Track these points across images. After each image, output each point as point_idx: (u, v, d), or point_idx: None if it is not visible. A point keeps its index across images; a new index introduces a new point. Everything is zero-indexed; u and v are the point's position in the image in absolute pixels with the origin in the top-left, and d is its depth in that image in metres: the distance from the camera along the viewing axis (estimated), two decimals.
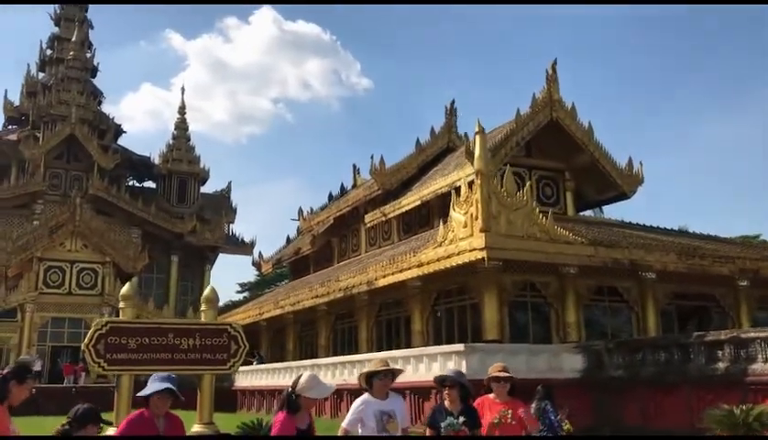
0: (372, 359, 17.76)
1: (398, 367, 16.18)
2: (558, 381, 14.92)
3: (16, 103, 44.96)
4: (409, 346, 19.15)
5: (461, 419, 4.93)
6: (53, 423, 4.29)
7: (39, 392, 28.05)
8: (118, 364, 11.58)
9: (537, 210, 16.65)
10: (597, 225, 22.32)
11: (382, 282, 19.52)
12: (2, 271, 34.91)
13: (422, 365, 16.48)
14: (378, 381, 5.01)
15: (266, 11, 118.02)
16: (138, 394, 4.37)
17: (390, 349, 19.89)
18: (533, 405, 7.93)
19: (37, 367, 30.30)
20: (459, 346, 15.53)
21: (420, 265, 17.63)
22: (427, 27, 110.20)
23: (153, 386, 4.34)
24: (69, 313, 33.37)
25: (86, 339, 11.52)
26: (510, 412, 5.28)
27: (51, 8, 48.10)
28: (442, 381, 5.14)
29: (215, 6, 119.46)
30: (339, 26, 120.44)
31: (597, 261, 16.85)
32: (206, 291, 13.18)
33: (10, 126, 44.99)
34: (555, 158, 22.66)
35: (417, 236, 23.89)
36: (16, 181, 39.14)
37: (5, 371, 4.45)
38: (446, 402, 5.08)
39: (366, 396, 5.03)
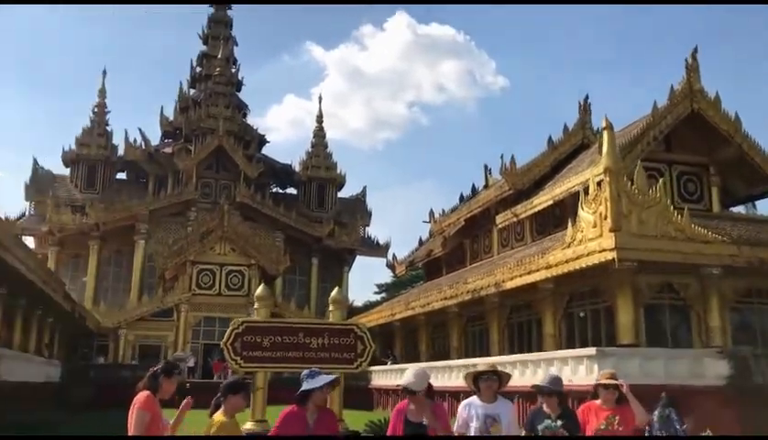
0: (503, 362, 17.64)
1: (528, 370, 15.91)
2: (700, 388, 14.12)
3: (171, 118, 48.52)
4: (540, 349, 18.79)
5: (559, 422, 4.88)
6: (205, 416, 4.75)
7: (193, 387, 30.26)
8: (254, 361, 12.29)
9: (672, 207, 15.79)
10: (746, 221, 20.74)
11: (510, 284, 19.27)
12: (160, 274, 37.88)
13: (553, 368, 16.08)
14: (483, 383, 5.06)
15: (399, 16, 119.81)
16: (302, 390, 4.63)
17: (522, 352, 19.60)
18: (656, 412, 7.61)
19: (190, 363, 32.69)
20: (591, 350, 15.04)
21: (548, 267, 17.25)
22: (563, 23, 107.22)
23: (318, 379, 4.61)
24: (219, 313, 35.48)
25: (224, 338, 12.33)
26: (617, 417, 5.15)
27: (200, 28, 51.62)
28: (539, 391, 5.12)
29: (352, 16, 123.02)
30: (473, 26, 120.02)
31: (740, 261, 15.69)
32: (333, 293, 13.67)
33: (166, 140, 48.60)
34: (698, 151, 21.31)
35: (550, 236, 23.30)
36: (173, 190, 42.22)
37: (156, 367, 4.91)
38: (544, 406, 5.04)
39: (473, 398, 5.11)
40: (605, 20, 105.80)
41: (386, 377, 27.60)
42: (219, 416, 4.67)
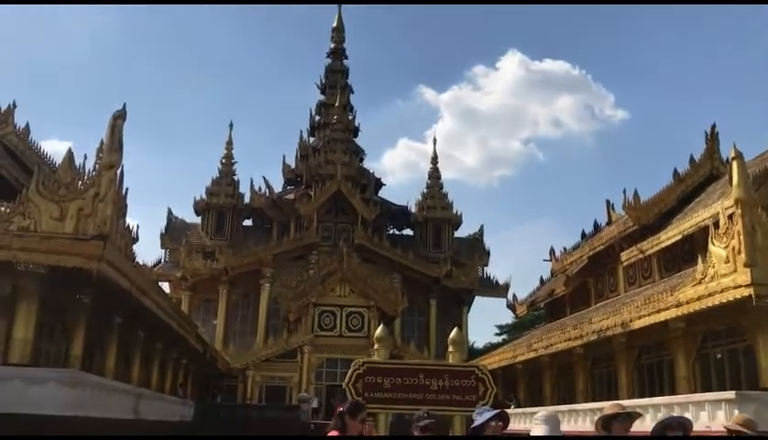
0: (633, 405, 16.81)
1: (660, 415, 15.11)
2: None
3: (293, 166, 50.49)
4: (673, 392, 17.76)
5: None
6: None
7: (317, 427, 30.79)
8: (375, 402, 12.39)
9: None
10: None
11: (638, 324, 18.42)
12: (284, 316, 39.09)
13: (688, 413, 15.15)
14: (618, 425, 4.87)
15: (512, 55, 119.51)
16: (474, 425, 4.65)
17: (653, 396, 18.59)
18: None
19: (314, 404, 33.29)
20: (730, 394, 14.07)
21: (678, 305, 16.38)
22: (682, 51, 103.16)
23: (484, 416, 4.65)
24: (340, 354, 35.95)
25: (346, 378, 12.54)
26: None
27: (318, 78, 53.72)
28: (667, 425, 4.80)
29: (464, 57, 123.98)
30: (589, 60, 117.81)
31: None
32: (452, 334, 13.62)
33: (288, 187, 50.55)
34: None
35: (680, 273, 22.21)
36: (295, 234, 43.65)
37: (342, 407, 5.08)
38: None
39: None
40: (728, 44, 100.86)
41: (512, 421, 26.90)
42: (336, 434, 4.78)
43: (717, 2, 73.39)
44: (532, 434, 4.74)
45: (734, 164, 15.14)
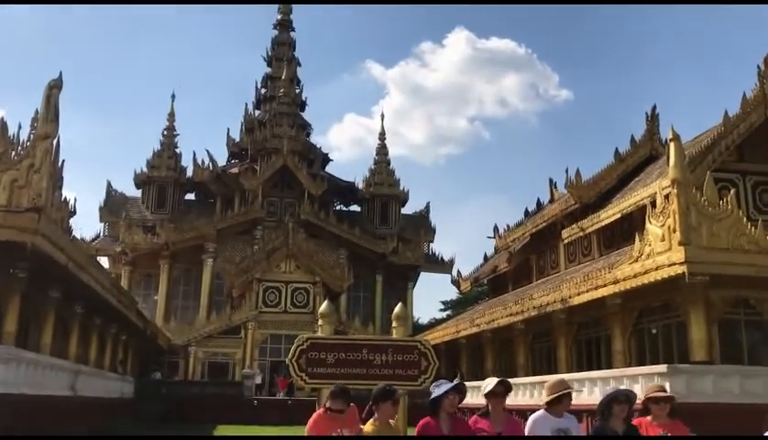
0: (570, 379, 17.26)
1: (597, 388, 15.56)
2: None
3: (237, 139, 49.72)
4: (609, 366, 18.32)
5: None
6: (273, 431, 4.90)
7: (260, 403, 30.70)
8: (318, 378, 12.34)
9: (745, 219, 15.22)
10: None
11: (577, 300, 18.89)
12: (228, 292, 38.71)
13: (623, 386, 15.64)
14: (565, 400, 5.02)
15: (459, 32, 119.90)
16: (432, 398, 4.82)
17: (590, 370, 19.15)
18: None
19: (257, 380, 33.16)
20: (662, 367, 14.59)
21: (616, 281, 16.84)
22: (626, 33, 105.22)
23: (443, 387, 4.83)
24: (285, 330, 35.88)
25: (290, 354, 12.45)
26: (668, 434, 5.00)
27: (265, 51, 52.88)
28: (614, 399, 4.96)
29: (412, 33, 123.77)
30: (534, 39, 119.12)
31: None
32: (396, 309, 13.61)
33: (233, 161, 49.81)
34: None
35: (618, 250, 22.77)
36: (239, 209, 43.12)
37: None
38: (611, 422, 4.92)
39: (542, 412, 5.06)
40: (670, 27, 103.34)
41: None
42: (370, 425, 4.77)
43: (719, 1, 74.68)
44: (487, 389, 4.93)
45: (672, 145, 15.55)
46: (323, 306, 13.97)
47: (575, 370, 20.16)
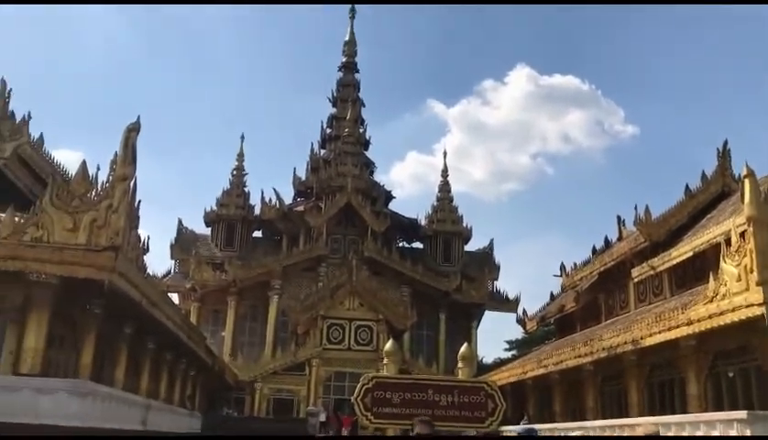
0: (643, 424, 16.67)
1: (671, 433, 15.04)
2: None
3: (303, 178, 50.64)
4: (683, 410, 17.62)
5: None
6: None
7: None
8: (383, 417, 12.40)
9: None
10: None
11: (649, 341, 18.32)
12: (293, 329, 39.07)
13: (699, 432, 15.05)
14: None
15: (521, 69, 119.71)
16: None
17: (663, 414, 18.45)
18: None
19: (321, 418, 33.10)
20: (741, 414, 13.94)
21: (689, 323, 16.29)
22: (693, 65, 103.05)
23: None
24: (348, 368, 35.88)
25: (355, 393, 12.54)
26: None
27: (330, 92, 54.02)
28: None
29: (474, 72, 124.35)
30: (598, 74, 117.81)
31: None
32: (462, 349, 13.62)
33: (298, 199, 50.66)
34: None
35: (691, 290, 22.08)
36: (304, 246, 43.69)
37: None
38: None
39: None
40: (739, 58, 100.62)
41: None
42: None
43: (725, 1, 73.44)
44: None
45: (746, 182, 15.09)
46: (388, 345, 14.08)
47: (647, 414, 19.45)
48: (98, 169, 15.59)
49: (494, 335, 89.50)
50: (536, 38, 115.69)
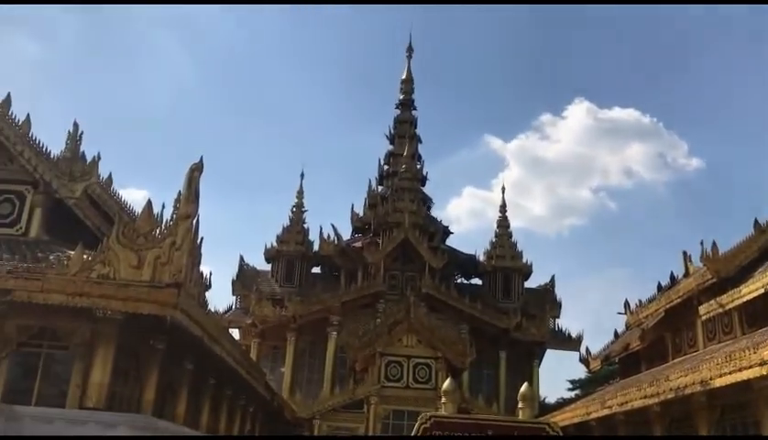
0: None
1: None
2: None
3: (361, 214, 51.03)
4: None
5: None
6: None
7: None
8: None
9: None
10: None
11: (719, 382, 17.52)
12: (351, 365, 38.97)
13: None
14: None
15: (579, 103, 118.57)
16: None
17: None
18: None
19: None
20: None
21: (762, 363, 15.52)
22: (755, 94, 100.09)
23: None
24: (407, 406, 35.46)
25: (413, 431, 12.40)
26: None
27: (387, 129, 54.56)
28: None
29: (531, 106, 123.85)
30: (660, 107, 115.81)
31: None
32: (522, 389, 13.31)
33: (356, 235, 51.02)
34: None
35: (764, 329, 21.15)
36: (362, 283, 43.78)
37: None
38: None
39: None
40: None
41: None
42: None
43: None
44: None
45: None
46: (446, 384, 13.87)
47: None
48: (163, 207, 16.09)
49: (556, 375, 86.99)
50: (594, 71, 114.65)
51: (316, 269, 49.57)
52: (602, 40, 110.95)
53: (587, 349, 39.12)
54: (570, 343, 45.07)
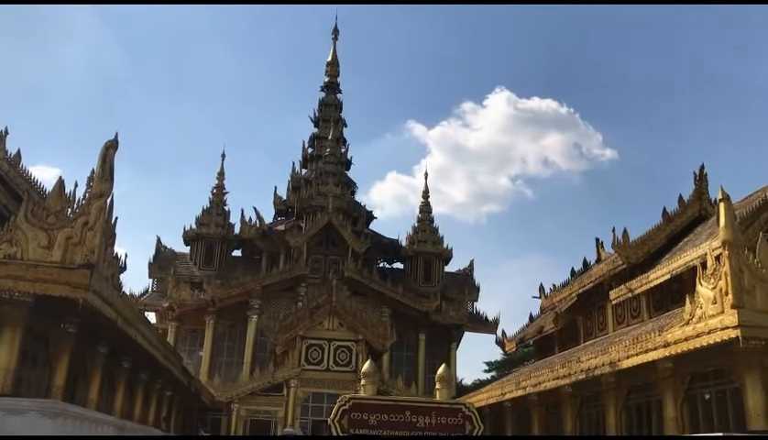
0: None
1: None
2: None
3: (284, 197, 50.53)
4: (661, 432, 17.70)
5: None
6: None
7: None
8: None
9: None
10: None
11: (626, 364, 18.37)
12: (271, 349, 38.73)
13: None
14: None
15: (500, 92, 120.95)
16: None
17: (641, 436, 18.51)
18: None
19: None
20: (717, 436, 14.03)
21: (666, 345, 16.36)
22: (670, 89, 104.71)
23: None
24: (327, 389, 35.60)
25: (332, 414, 12.43)
26: None
27: (312, 112, 54.14)
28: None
29: (452, 94, 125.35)
30: (576, 98, 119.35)
31: None
32: (440, 370, 13.55)
33: (279, 218, 50.52)
34: None
35: (669, 313, 22.27)
36: (284, 266, 43.48)
37: None
38: None
39: None
40: (716, 81, 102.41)
41: None
42: None
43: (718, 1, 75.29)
44: None
45: (721, 206, 15.28)
46: (366, 366, 13.97)
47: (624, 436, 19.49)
48: (75, 185, 15.42)
49: (474, 357, 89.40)
50: (515, 62, 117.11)
51: (237, 253, 48.89)
52: (522, 32, 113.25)
53: (504, 332, 40.25)
54: (487, 326, 46.18)
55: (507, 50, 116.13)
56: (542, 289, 34.57)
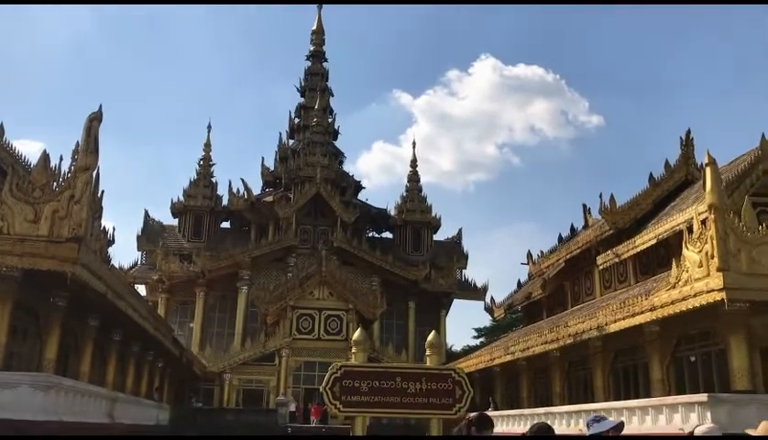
0: (609, 409, 16.99)
1: (636, 418, 15.21)
2: None
3: (272, 168, 50.32)
4: (648, 395, 17.97)
5: None
6: None
7: (294, 431, 30.69)
8: (352, 406, 12.37)
9: None
10: None
11: (614, 328, 18.62)
12: (262, 319, 38.89)
13: (662, 416, 15.40)
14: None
15: (485, 59, 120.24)
16: (591, 434, 4.29)
17: (628, 398, 18.81)
18: None
19: (291, 408, 33.16)
20: (702, 397, 14.29)
21: (653, 308, 16.58)
22: (656, 55, 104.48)
23: (604, 424, 4.31)
24: (318, 357, 35.91)
25: (323, 382, 12.52)
26: None
27: (298, 81, 53.67)
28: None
29: (438, 62, 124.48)
30: (562, 65, 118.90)
31: None
32: (430, 337, 13.61)
33: (267, 189, 50.37)
34: None
35: (655, 277, 22.49)
36: (273, 237, 43.50)
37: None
38: None
39: None
40: (703, 47, 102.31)
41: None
42: None
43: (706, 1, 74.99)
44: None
45: (707, 170, 15.38)
46: (357, 334, 14.03)
47: (612, 399, 19.81)
48: (60, 159, 15.31)
49: (463, 324, 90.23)
50: (500, 28, 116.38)
51: (225, 224, 48.78)
52: None
53: (492, 299, 40.61)
54: (476, 293, 46.53)
55: (492, 17, 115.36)
56: (530, 255, 34.79)
